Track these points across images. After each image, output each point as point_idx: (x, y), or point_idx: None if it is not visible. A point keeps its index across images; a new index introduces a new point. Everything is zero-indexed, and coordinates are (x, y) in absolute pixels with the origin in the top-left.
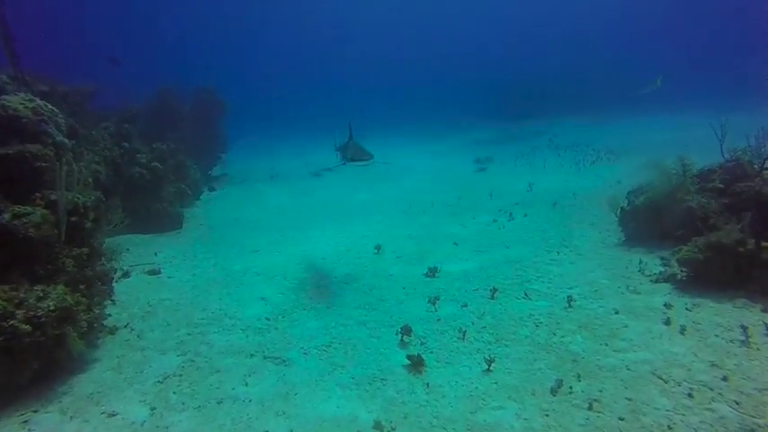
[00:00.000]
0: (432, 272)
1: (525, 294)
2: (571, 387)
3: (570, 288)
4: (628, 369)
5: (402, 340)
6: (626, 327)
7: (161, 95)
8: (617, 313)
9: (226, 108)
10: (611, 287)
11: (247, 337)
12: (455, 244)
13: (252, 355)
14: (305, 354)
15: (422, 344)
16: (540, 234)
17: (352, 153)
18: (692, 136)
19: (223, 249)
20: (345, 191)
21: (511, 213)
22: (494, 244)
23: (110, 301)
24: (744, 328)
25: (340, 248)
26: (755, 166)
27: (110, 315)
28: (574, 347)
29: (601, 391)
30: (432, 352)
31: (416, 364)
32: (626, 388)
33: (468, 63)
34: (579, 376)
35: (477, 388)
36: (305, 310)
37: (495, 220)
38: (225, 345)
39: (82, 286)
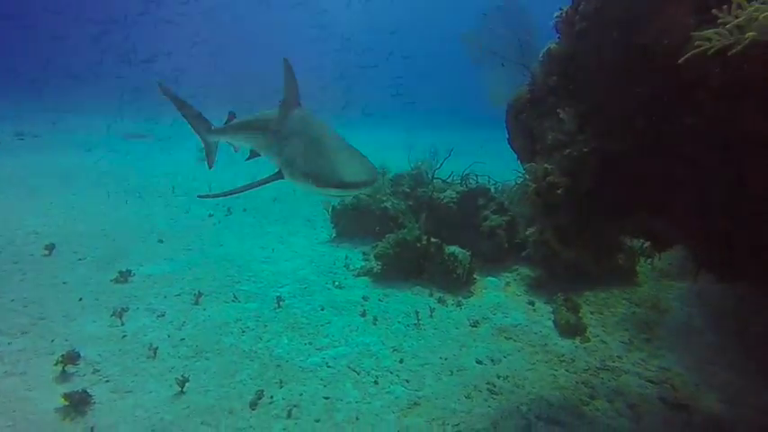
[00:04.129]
0: (123, 276)
1: (234, 297)
2: (272, 396)
3: (281, 287)
4: (328, 366)
5: (63, 372)
6: (329, 323)
7: None
8: (322, 310)
9: None
10: (320, 283)
11: None
12: (161, 241)
13: None
14: None
15: (94, 372)
16: (257, 230)
17: (343, 164)
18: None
19: None
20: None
21: (229, 208)
22: (206, 241)
23: None
24: (417, 312)
25: None
26: (429, 176)
27: None
28: (279, 351)
29: (301, 394)
30: (108, 380)
31: (79, 402)
32: (325, 386)
33: None
34: (281, 382)
35: (163, 419)
36: None
37: (211, 215)
38: None
39: None
